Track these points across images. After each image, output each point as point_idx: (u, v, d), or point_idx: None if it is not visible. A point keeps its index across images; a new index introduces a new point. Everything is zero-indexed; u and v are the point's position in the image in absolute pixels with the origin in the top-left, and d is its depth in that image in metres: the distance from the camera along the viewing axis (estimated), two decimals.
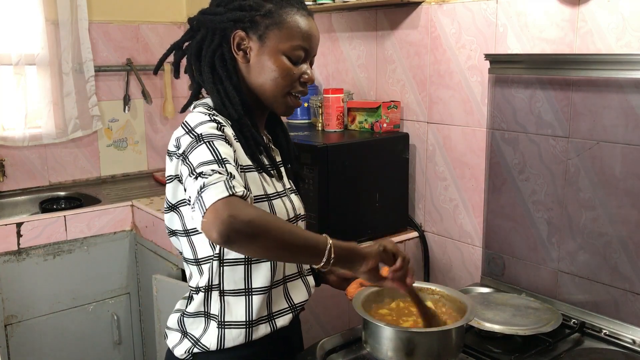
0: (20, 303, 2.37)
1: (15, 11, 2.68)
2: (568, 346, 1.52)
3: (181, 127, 1.22)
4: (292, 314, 1.34)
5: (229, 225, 1.02)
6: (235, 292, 1.27)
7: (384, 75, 2.24)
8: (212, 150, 1.14)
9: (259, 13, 1.25)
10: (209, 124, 1.19)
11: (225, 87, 1.27)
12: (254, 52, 1.27)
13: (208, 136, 1.16)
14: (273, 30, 1.25)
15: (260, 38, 1.26)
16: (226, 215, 1.02)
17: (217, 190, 1.05)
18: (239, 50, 1.28)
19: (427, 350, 1.25)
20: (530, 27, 1.75)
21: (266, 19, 1.25)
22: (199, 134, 1.17)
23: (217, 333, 1.27)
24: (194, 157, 1.14)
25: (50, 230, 2.41)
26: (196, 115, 1.23)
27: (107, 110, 3.06)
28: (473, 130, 1.96)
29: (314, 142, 1.94)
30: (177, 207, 1.28)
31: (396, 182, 2.13)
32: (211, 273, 1.26)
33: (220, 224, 1.02)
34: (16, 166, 2.82)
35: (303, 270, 1.39)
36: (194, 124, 1.20)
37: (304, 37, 1.28)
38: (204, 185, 1.06)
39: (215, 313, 1.28)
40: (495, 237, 1.89)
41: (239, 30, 1.26)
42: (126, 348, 2.67)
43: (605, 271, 1.62)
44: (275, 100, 1.30)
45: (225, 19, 1.26)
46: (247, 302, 1.27)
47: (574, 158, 1.65)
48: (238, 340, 1.27)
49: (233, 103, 1.26)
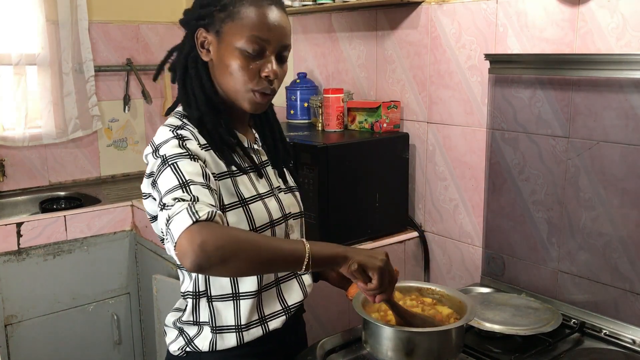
0: (20, 303, 2.37)
1: (15, 11, 2.68)
2: (568, 346, 1.52)
3: (150, 144, 1.22)
4: (285, 316, 1.33)
5: (199, 254, 1.01)
6: (222, 298, 1.27)
7: (384, 75, 2.24)
8: (176, 173, 1.12)
9: (215, 8, 1.23)
10: (172, 142, 1.18)
11: (193, 87, 1.26)
12: (213, 49, 1.25)
13: (172, 157, 1.15)
14: (227, 23, 1.21)
15: (217, 34, 1.23)
16: (195, 244, 1.01)
17: (181, 219, 1.04)
18: (202, 49, 1.26)
19: (427, 350, 1.25)
20: (530, 27, 1.75)
21: (221, 13, 1.22)
22: (163, 155, 1.16)
23: (211, 337, 1.28)
24: (161, 184, 1.14)
25: (50, 230, 2.41)
26: (162, 131, 1.22)
27: (107, 110, 3.06)
28: (473, 130, 1.96)
29: (314, 142, 1.94)
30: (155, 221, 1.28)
31: (396, 182, 2.13)
32: (197, 279, 1.27)
33: (192, 255, 1.01)
34: (16, 166, 2.81)
35: None
36: (158, 143, 1.19)
37: (260, 28, 1.20)
38: (169, 218, 1.06)
39: (206, 320, 1.28)
40: (495, 237, 1.89)
41: (200, 28, 1.25)
42: (126, 348, 2.67)
43: (605, 271, 1.62)
44: (237, 96, 1.25)
45: (191, 18, 1.26)
46: (235, 307, 1.27)
47: (574, 158, 1.65)
48: (230, 344, 1.28)
49: (197, 102, 1.25)
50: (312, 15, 2.50)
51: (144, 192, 1.27)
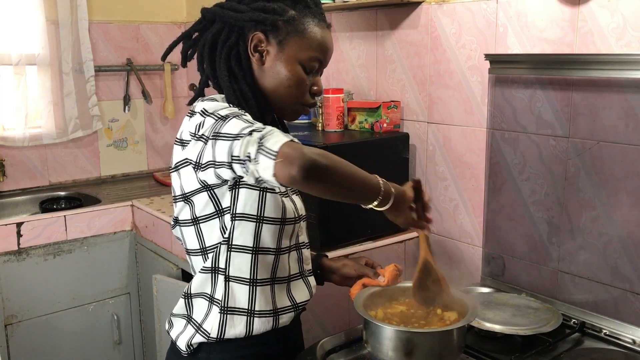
0: (20, 303, 2.37)
1: (15, 11, 2.68)
2: (568, 346, 1.52)
3: (199, 114, 1.20)
4: (294, 313, 1.35)
5: (308, 159, 1.03)
6: (240, 280, 1.27)
7: (384, 75, 2.24)
8: (246, 122, 1.12)
9: (282, 18, 1.24)
10: (231, 108, 1.18)
11: (241, 87, 1.26)
12: (270, 57, 1.26)
13: (234, 113, 1.15)
14: (294, 37, 1.25)
15: (279, 43, 1.25)
16: (301, 151, 1.03)
17: (279, 137, 1.05)
18: (254, 52, 1.26)
19: (428, 350, 1.25)
20: (530, 27, 1.75)
21: (288, 26, 1.24)
22: (224, 115, 1.15)
23: (219, 319, 1.27)
24: (229, 128, 1.11)
25: (50, 230, 2.41)
26: (212, 102, 1.22)
27: (107, 110, 3.07)
28: (473, 130, 1.96)
29: (314, 142, 1.94)
30: (189, 197, 1.25)
31: (396, 182, 2.10)
32: (217, 257, 1.26)
33: (299, 159, 1.02)
34: (16, 166, 2.82)
35: (304, 271, 1.39)
36: (214, 109, 1.18)
37: (322, 49, 1.28)
38: (262, 137, 1.06)
39: (219, 298, 1.27)
40: (495, 237, 1.89)
41: (258, 32, 1.25)
42: (126, 348, 2.67)
43: (605, 271, 1.62)
44: (285, 107, 1.31)
45: (247, 18, 1.24)
46: (251, 291, 1.27)
47: (574, 158, 1.65)
48: (238, 331, 1.27)
49: (249, 105, 1.25)
50: None
51: (180, 161, 1.23)
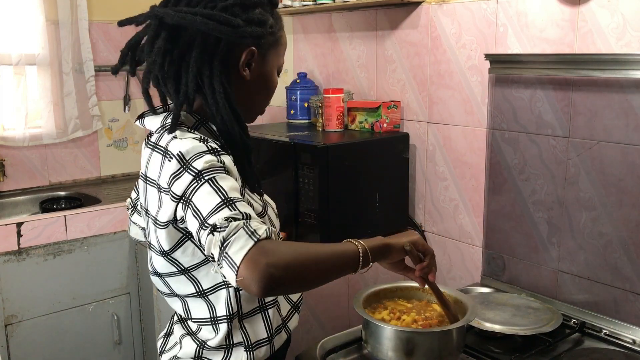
0: (20, 303, 2.37)
1: (15, 11, 2.68)
2: (568, 346, 1.52)
3: (175, 159, 1.07)
4: (297, 313, 1.37)
5: (269, 277, 0.94)
6: (252, 312, 1.23)
7: (384, 75, 2.24)
8: (217, 190, 1.02)
9: (269, 31, 1.20)
10: (207, 156, 1.06)
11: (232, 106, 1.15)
12: (254, 70, 1.20)
13: (208, 172, 1.04)
14: (274, 46, 1.23)
15: (263, 55, 1.21)
16: (262, 266, 0.94)
17: (241, 242, 0.96)
18: (245, 67, 1.19)
19: (428, 350, 1.25)
20: (530, 27, 1.75)
21: (270, 36, 1.21)
22: (198, 170, 1.04)
23: (246, 356, 1.22)
24: (199, 202, 1.02)
25: (50, 230, 2.41)
26: (188, 142, 1.09)
27: (107, 110, 3.07)
28: (473, 130, 1.96)
29: (314, 142, 1.94)
30: (171, 254, 1.18)
31: (396, 182, 2.13)
32: (229, 301, 1.18)
33: (260, 279, 0.94)
34: (16, 166, 2.82)
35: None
36: (189, 157, 1.06)
37: (284, 53, 1.29)
38: (224, 240, 0.97)
39: (240, 340, 1.22)
40: (495, 237, 1.89)
41: (253, 47, 1.18)
42: (126, 348, 2.67)
43: (605, 271, 1.62)
44: (255, 112, 1.28)
45: (245, 34, 1.14)
46: (264, 317, 1.24)
47: (574, 158, 1.65)
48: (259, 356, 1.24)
49: (242, 126, 1.17)
50: (312, 15, 2.50)
51: (162, 221, 1.14)
